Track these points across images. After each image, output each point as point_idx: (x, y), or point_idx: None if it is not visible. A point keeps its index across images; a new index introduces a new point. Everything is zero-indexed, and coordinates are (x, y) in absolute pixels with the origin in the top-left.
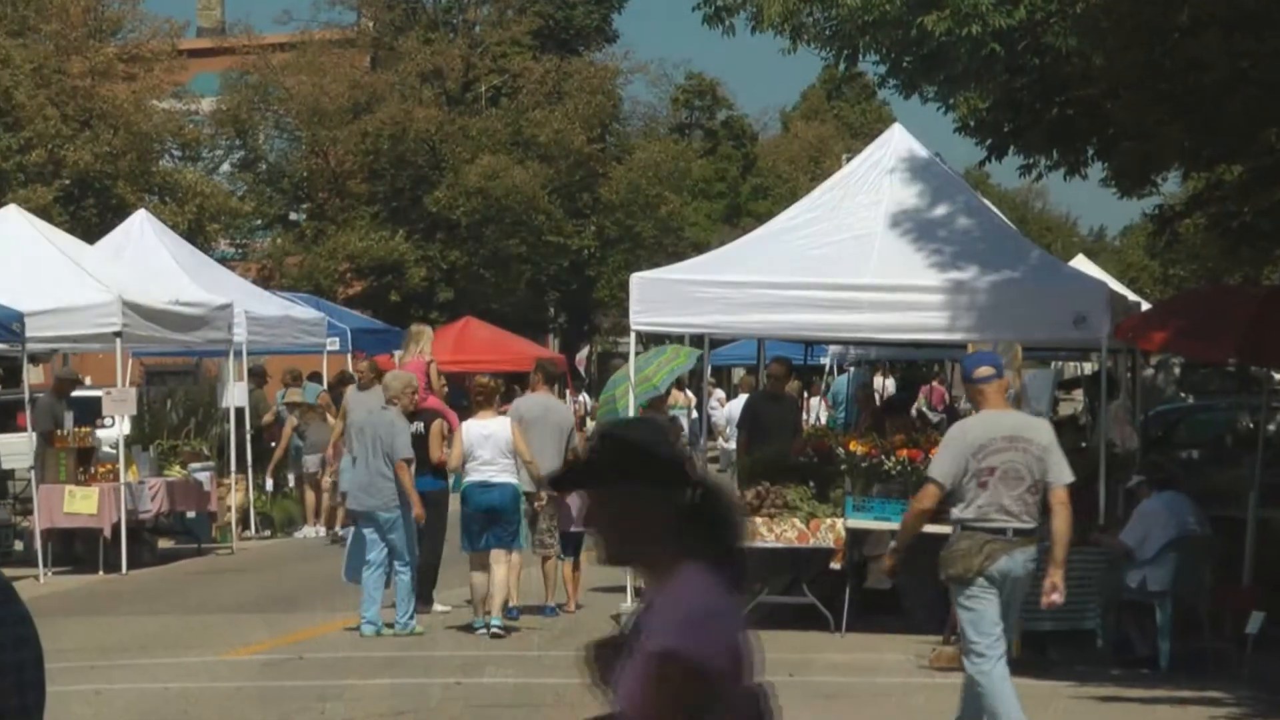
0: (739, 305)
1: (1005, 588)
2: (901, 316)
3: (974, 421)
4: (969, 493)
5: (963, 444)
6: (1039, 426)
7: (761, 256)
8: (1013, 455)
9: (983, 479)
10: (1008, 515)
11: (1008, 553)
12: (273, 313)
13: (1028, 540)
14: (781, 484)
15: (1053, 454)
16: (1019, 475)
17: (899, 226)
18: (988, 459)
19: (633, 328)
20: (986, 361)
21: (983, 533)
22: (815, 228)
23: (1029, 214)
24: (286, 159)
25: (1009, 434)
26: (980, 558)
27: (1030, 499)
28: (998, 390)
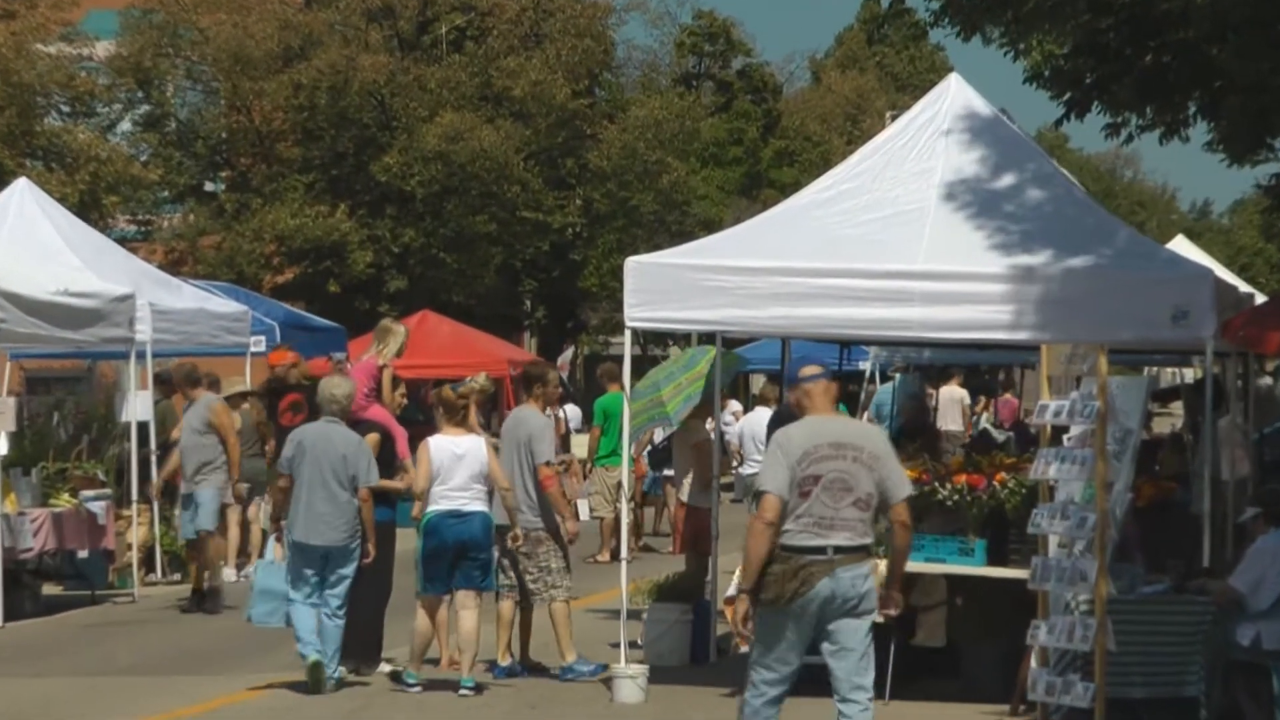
0: (758, 297)
1: (829, 612)
2: (958, 311)
3: (798, 427)
4: (790, 503)
5: (787, 451)
6: (871, 433)
7: (786, 237)
8: (840, 464)
9: (805, 488)
10: (829, 530)
11: (829, 574)
12: (184, 305)
13: (854, 558)
14: None
15: (887, 464)
16: (846, 486)
17: (955, 200)
18: (812, 467)
19: (628, 324)
20: (813, 361)
21: (799, 553)
22: (852, 202)
23: (1116, 185)
24: (201, 116)
25: (835, 440)
26: (796, 583)
27: (858, 514)
28: (825, 392)
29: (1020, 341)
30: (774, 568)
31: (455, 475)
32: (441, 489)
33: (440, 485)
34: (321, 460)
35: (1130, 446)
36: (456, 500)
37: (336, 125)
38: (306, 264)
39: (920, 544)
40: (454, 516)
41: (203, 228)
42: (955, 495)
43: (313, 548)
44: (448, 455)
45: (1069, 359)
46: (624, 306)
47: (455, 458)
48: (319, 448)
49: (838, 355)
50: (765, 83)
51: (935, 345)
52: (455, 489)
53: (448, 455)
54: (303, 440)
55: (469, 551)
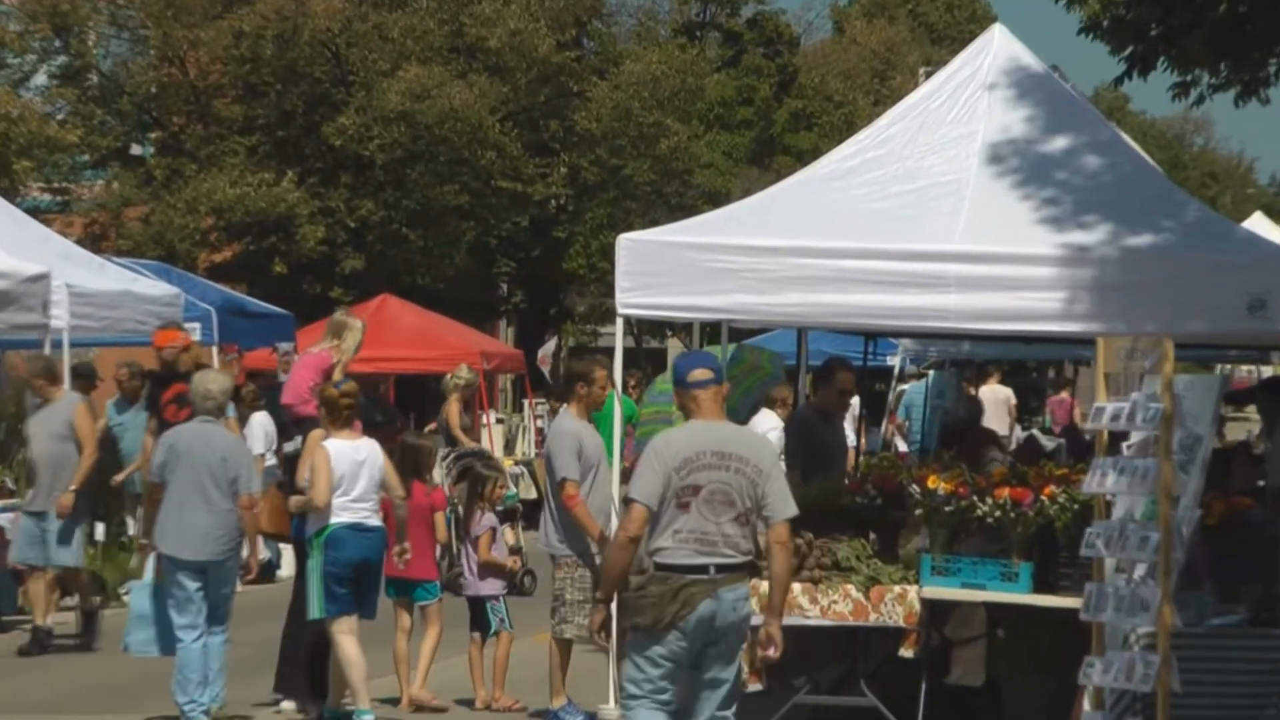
0: (770, 281)
1: (708, 637)
2: (1001, 298)
3: (680, 432)
4: (666, 515)
5: (665, 457)
6: (759, 445)
7: (803, 212)
8: (723, 475)
9: (684, 499)
10: (711, 547)
11: (711, 594)
12: (107, 287)
13: (736, 578)
14: (830, 535)
15: (773, 481)
16: (728, 500)
17: (999, 170)
18: (692, 476)
19: (619, 312)
20: (702, 363)
21: (679, 571)
22: (880, 171)
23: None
24: (127, 69)
25: (720, 449)
26: (676, 605)
27: (739, 530)
28: (714, 398)
29: (1073, 334)
30: (651, 589)
31: (357, 484)
32: (343, 500)
33: (341, 496)
34: (198, 465)
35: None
36: (359, 512)
37: (283, 80)
38: (248, 240)
39: (957, 568)
40: (359, 530)
41: (128, 197)
42: (996, 511)
43: (188, 564)
44: (349, 462)
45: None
46: (615, 291)
47: (356, 464)
48: (194, 451)
49: (862, 348)
50: (780, 33)
51: (975, 337)
52: (357, 500)
53: (349, 462)
54: (175, 444)
55: (366, 573)
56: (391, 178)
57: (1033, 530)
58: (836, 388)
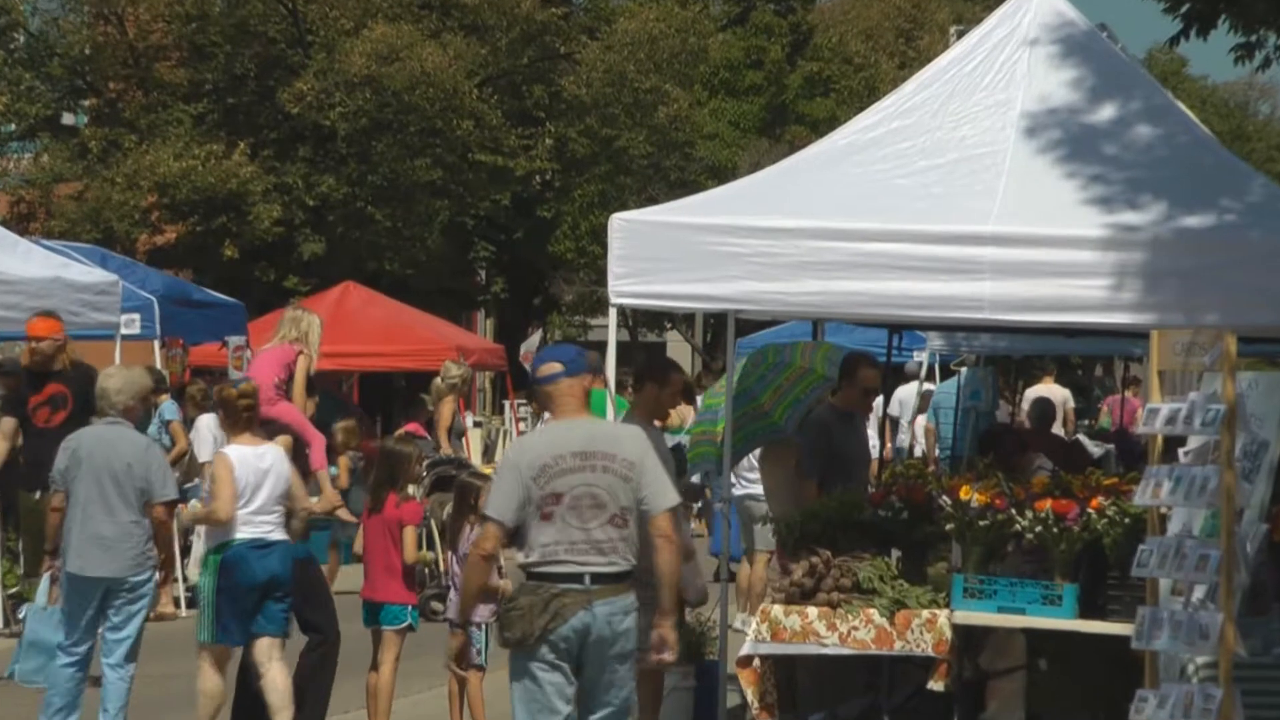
0: (783, 267)
1: (586, 654)
2: (1043, 286)
3: (536, 436)
4: (531, 530)
5: (520, 465)
6: (625, 436)
7: (819, 189)
8: (588, 476)
9: (546, 509)
10: (582, 556)
11: (585, 606)
12: (35, 273)
13: (615, 588)
14: (850, 553)
15: (647, 471)
16: (598, 502)
17: (1040, 141)
18: (552, 483)
19: (612, 301)
20: (553, 357)
21: (551, 580)
22: (906, 144)
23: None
24: (58, 28)
25: (581, 448)
26: (546, 617)
27: (616, 532)
28: (570, 392)
29: (1123, 326)
30: (520, 600)
31: (260, 495)
32: (244, 512)
33: (243, 508)
34: (100, 471)
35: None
36: (261, 527)
37: (233, 40)
38: (194, 221)
39: (993, 590)
40: (259, 547)
41: (59, 172)
42: (1037, 526)
43: (89, 581)
44: (252, 470)
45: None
46: (607, 278)
47: (260, 473)
48: (97, 456)
49: (886, 342)
50: None
51: (1012, 330)
52: (259, 512)
53: (252, 470)
54: (77, 448)
55: (275, 591)
56: (355, 150)
57: (1078, 547)
58: (860, 386)
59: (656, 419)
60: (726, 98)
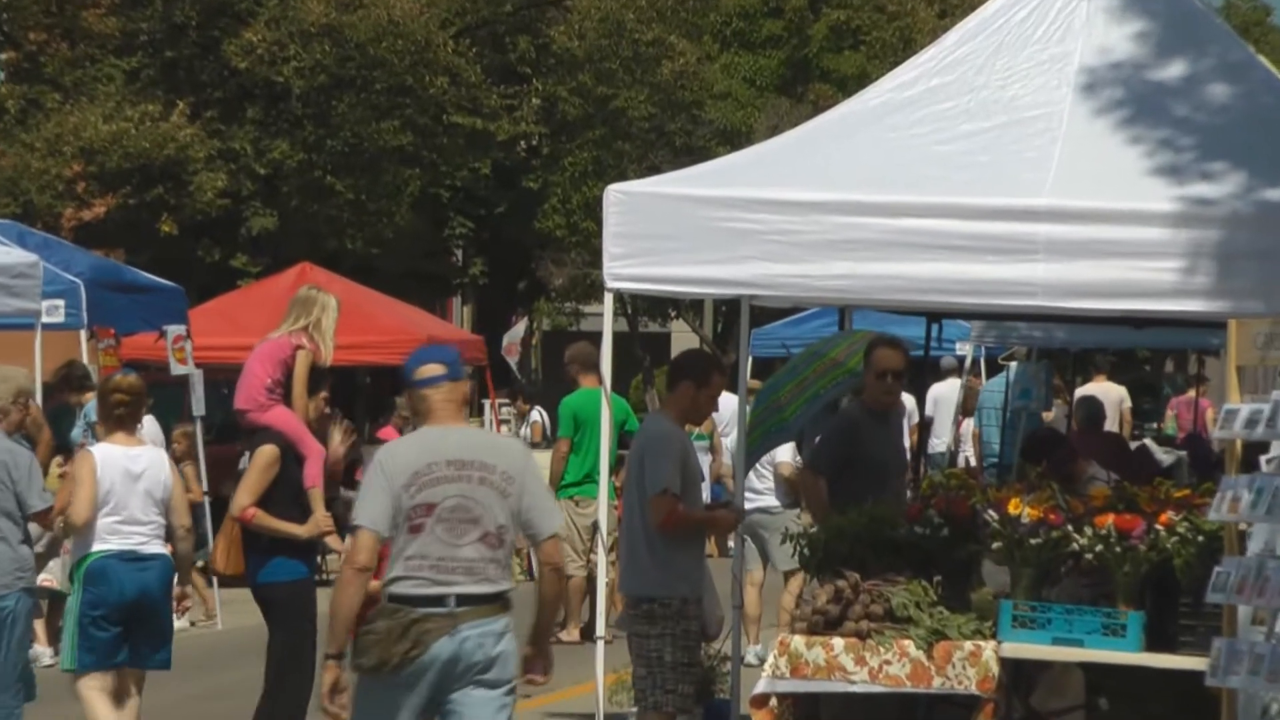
0: (805, 246)
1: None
2: (1104, 269)
3: (409, 441)
4: (398, 542)
5: (391, 472)
6: (507, 448)
7: (847, 157)
8: (462, 488)
9: (416, 521)
10: (450, 574)
11: (448, 632)
12: None
13: (486, 610)
14: (882, 575)
15: (530, 488)
16: (471, 516)
17: (1101, 100)
18: (423, 493)
19: (608, 286)
20: (434, 358)
21: (410, 604)
22: (947, 104)
23: None
24: None
25: (457, 456)
26: (406, 644)
27: (489, 551)
28: (450, 397)
29: (1196, 314)
30: (378, 624)
31: (130, 502)
32: (110, 521)
33: (108, 516)
34: None
35: None
36: (132, 538)
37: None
38: (127, 192)
39: (1046, 618)
40: (130, 560)
41: None
42: (1098, 545)
43: None
44: (120, 473)
45: (1268, 341)
46: (602, 259)
47: (130, 477)
48: None
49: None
50: None
51: (1069, 319)
52: (129, 521)
53: (120, 473)
54: None
55: (146, 613)
56: (312, 111)
57: (1144, 569)
58: (874, 369)
59: (690, 423)
60: (740, 51)
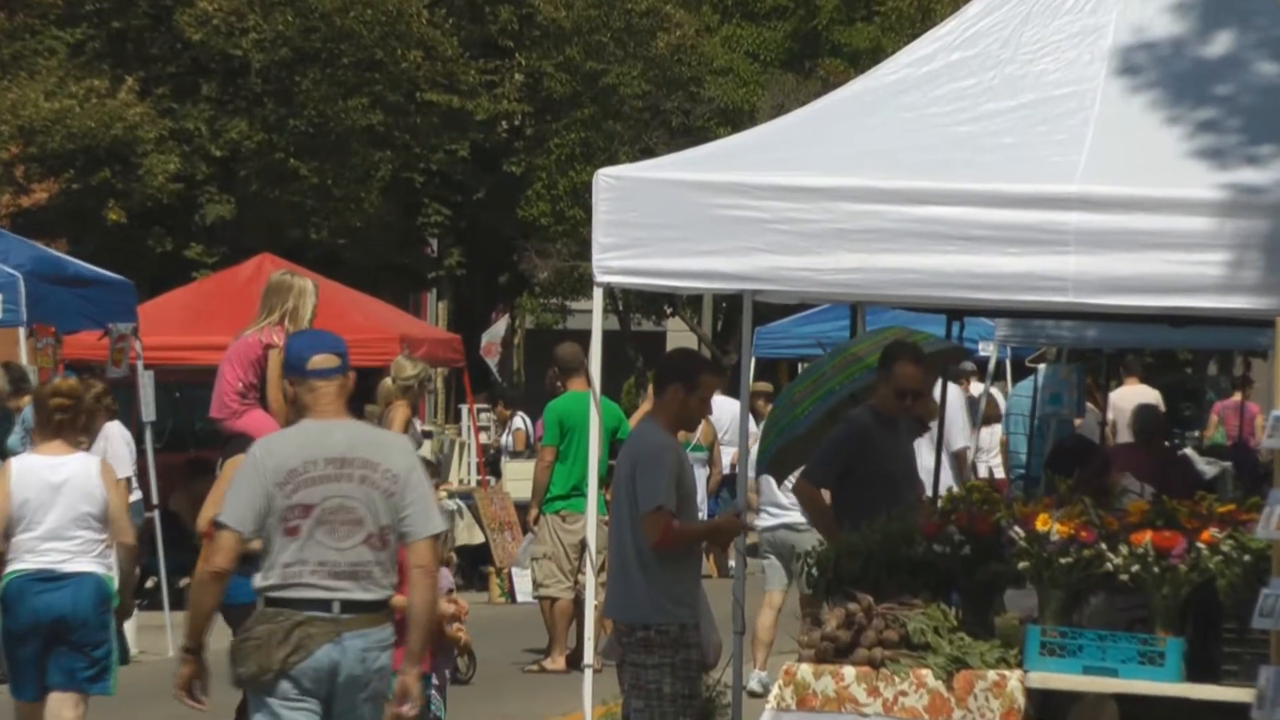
0: (814, 237)
1: (335, 694)
2: (1140, 261)
3: (288, 436)
4: (274, 545)
5: (265, 468)
6: (391, 444)
7: (860, 138)
8: (343, 488)
9: (292, 523)
10: (332, 580)
11: (332, 639)
12: None
13: (369, 619)
14: (897, 598)
15: (412, 488)
16: (354, 517)
17: (1138, 77)
18: (301, 492)
19: (597, 280)
20: (328, 346)
21: (293, 606)
22: (969, 81)
23: None
24: None
25: (339, 454)
26: (286, 649)
27: (373, 554)
28: (339, 391)
29: (1241, 312)
30: (258, 629)
31: (48, 516)
32: (26, 537)
33: (24, 532)
34: None
35: None
36: (47, 555)
37: None
38: (70, 176)
39: (1077, 645)
40: (45, 580)
41: None
42: (1134, 565)
43: None
44: (39, 485)
45: None
46: (591, 250)
47: (50, 488)
48: None
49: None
50: None
51: (1103, 317)
52: (48, 537)
53: (39, 485)
54: None
55: (71, 634)
56: (273, 88)
57: (1185, 592)
58: (894, 385)
59: (681, 429)
60: (743, 22)
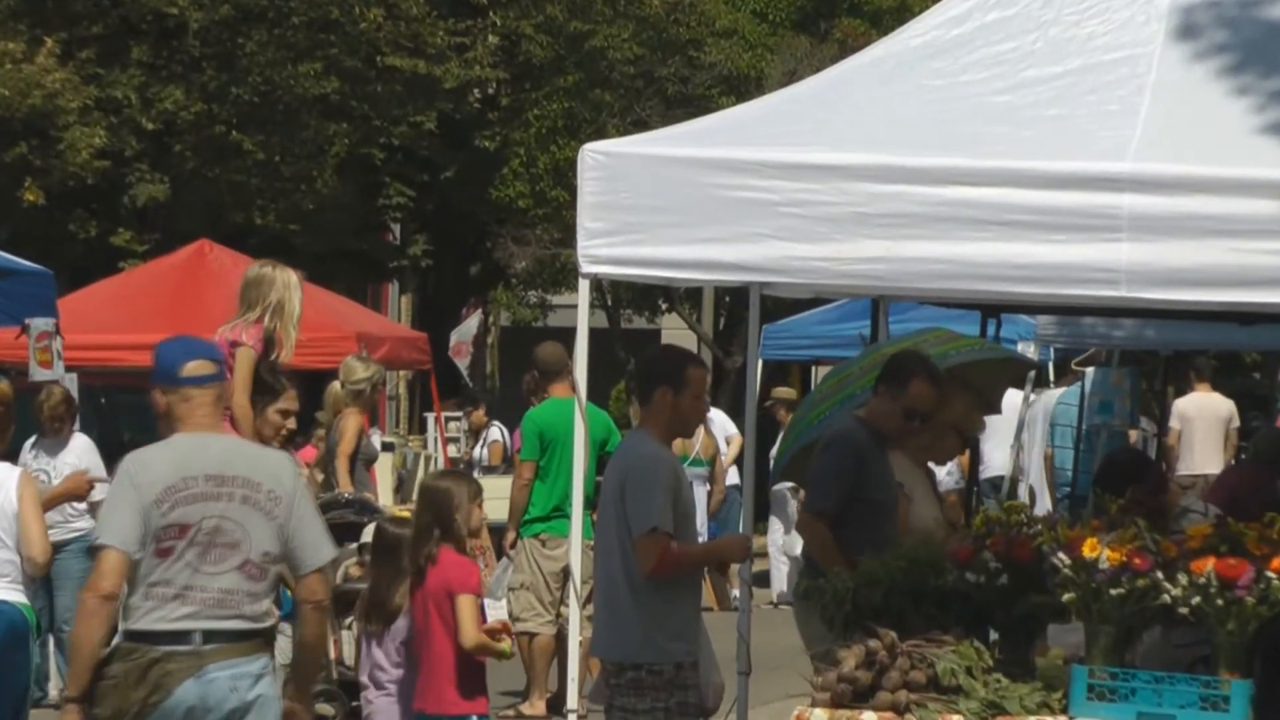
0: (830, 222)
1: None
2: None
3: (162, 450)
4: (143, 566)
5: (141, 485)
6: (275, 462)
7: (883, 110)
8: (221, 507)
9: (165, 543)
10: (197, 607)
11: (195, 674)
12: None
13: (238, 649)
14: (924, 634)
15: (299, 513)
16: (230, 540)
17: (1200, 41)
18: (177, 511)
19: (582, 271)
20: (201, 353)
21: (151, 642)
22: (1008, 44)
23: None
24: None
25: (217, 471)
26: (144, 690)
27: (247, 585)
28: (216, 401)
29: None
30: (113, 667)
31: None
32: None
33: None
34: None
35: None
36: None
37: None
38: None
39: (1130, 688)
40: None
41: None
42: (1195, 596)
43: None
44: None
45: None
46: (576, 236)
47: None
48: None
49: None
50: None
51: (1161, 314)
52: None
53: None
54: None
55: None
56: (214, 52)
57: (1253, 627)
58: (904, 403)
59: (677, 437)
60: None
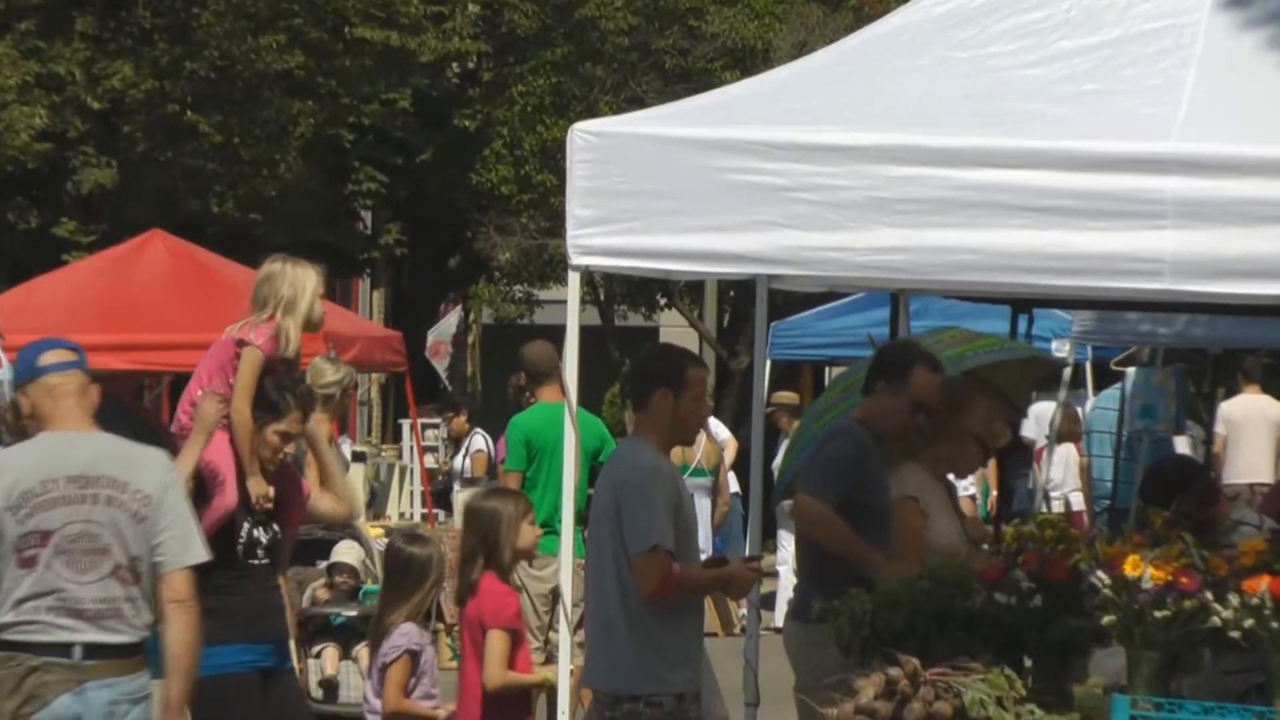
0: (844, 208)
1: None
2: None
3: (23, 452)
4: (6, 578)
5: None
6: (144, 460)
7: (902, 86)
8: (86, 511)
9: (28, 552)
10: (72, 619)
11: (72, 688)
12: None
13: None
14: (950, 661)
15: (167, 511)
16: (98, 546)
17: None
18: (37, 516)
19: (572, 262)
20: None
21: (26, 652)
22: (1039, 12)
23: None
24: None
25: (81, 472)
26: (18, 699)
27: (122, 590)
28: (80, 392)
29: None
30: None
31: None
32: None
33: None
34: None
35: None
36: None
37: None
38: None
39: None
40: None
41: None
42: (1247, 619)
43: None
44: None
45: None
46: (565, 225)
47: None
48: None
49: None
50: None
51: (1209, 308)
52: None
53: None
54: None
55: None
56: (166, 23)
57: None
58: (909, 395)
59: (677, 444)
60: None
